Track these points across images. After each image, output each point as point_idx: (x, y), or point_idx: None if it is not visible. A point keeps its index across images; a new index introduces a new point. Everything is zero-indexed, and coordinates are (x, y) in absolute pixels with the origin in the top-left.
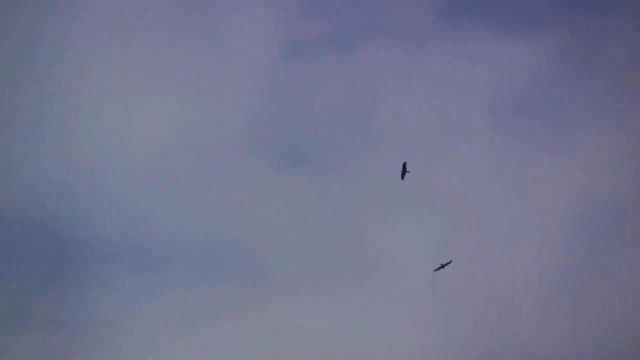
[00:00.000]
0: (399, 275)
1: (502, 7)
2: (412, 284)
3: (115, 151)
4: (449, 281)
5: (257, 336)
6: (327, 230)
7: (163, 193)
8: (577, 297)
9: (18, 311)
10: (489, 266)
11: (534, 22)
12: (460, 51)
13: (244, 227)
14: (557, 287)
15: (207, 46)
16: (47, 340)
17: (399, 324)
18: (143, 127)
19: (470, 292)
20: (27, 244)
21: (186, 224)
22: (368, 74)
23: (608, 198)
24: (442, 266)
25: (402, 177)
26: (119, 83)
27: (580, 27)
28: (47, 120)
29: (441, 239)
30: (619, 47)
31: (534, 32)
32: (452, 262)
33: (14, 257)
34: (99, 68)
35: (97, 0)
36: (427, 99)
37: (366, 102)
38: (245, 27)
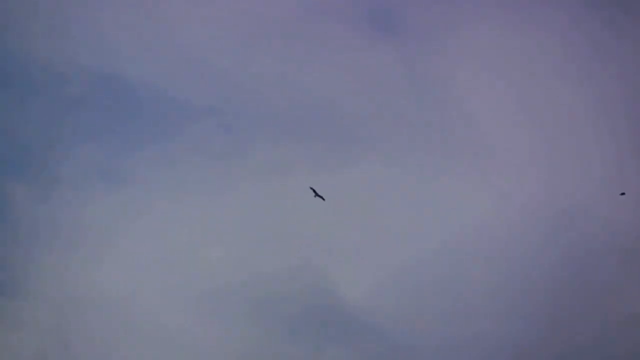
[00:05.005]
0: (484, 143)
1: None
2: (498, 152)
3: (197, 15)
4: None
5: (342, 192)
6: (413, 98)
7: (247, 56)
8: None
9: (104, 166)
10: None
11: None
12: None
13: (329, 90)
14: None
15: None
16: (136, 195)
17: (483, 193)
18: None
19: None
20: (116, 104)
21: (270, 87)
22: None
23: None
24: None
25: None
26: None
27: None
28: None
29: (527, 105)
30: None
31: None
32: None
33: (104, 116)
34: None
35: None
36: None
37: None
38: None
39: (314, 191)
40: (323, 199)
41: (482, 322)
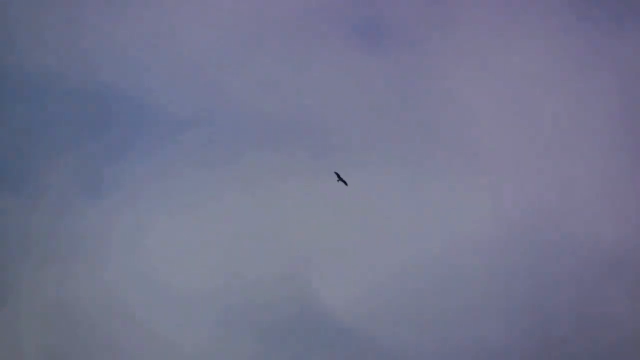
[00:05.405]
0: (473, 153)
1: None
2: (486, 162)
3: (184, 25)
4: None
5: (322, 203)
6: (400, 106)
7: (235, 67)
8: None
9: (91, 177)
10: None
11: None
12: None
13: (310, 101)
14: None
15: None
16: (117, 204)
17: (468, 203)
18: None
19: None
20: (101, 113)
21: (256, 98)
22: None
23: None
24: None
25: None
26: None
27: None
28: None
29: (518, 117)
30: None
31: None
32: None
33: (86, 126)
34: None
35: None
36: None
37: None
38: None
39: (338, 176)
40: (346, 184)
41: (474, 331)
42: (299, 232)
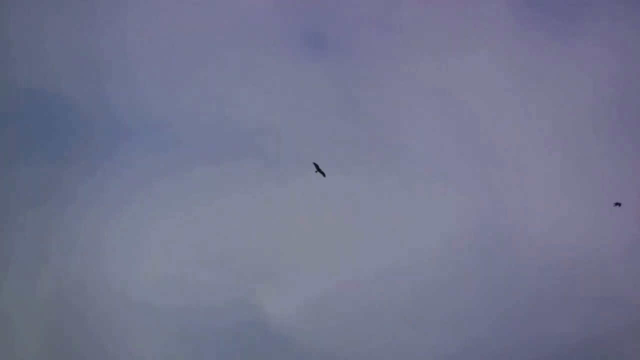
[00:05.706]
0: (415, 163)
1: None
2: (428, 172)
3: (133, 34)
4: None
5: (271, 213)
6: (343, 115)
7: (178, 74)
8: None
9: (38, 185)
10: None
11: None
12: None
13: (259, 110)
14: None
15: None
16: (64, 214)
17: (409, 208)
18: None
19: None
20: (48, 121)
21: (202, 105)
22: None
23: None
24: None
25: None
26: None
27: None
28: None
29: (458, 128)
30: None
31: None
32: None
33: (36, 132)
34: None
35: None
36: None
37: None
38: None
39: (316, 166)
40: (324, 175)
41: (423, 345)
42: (248, 242)
